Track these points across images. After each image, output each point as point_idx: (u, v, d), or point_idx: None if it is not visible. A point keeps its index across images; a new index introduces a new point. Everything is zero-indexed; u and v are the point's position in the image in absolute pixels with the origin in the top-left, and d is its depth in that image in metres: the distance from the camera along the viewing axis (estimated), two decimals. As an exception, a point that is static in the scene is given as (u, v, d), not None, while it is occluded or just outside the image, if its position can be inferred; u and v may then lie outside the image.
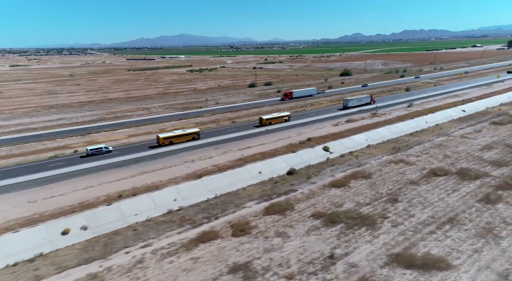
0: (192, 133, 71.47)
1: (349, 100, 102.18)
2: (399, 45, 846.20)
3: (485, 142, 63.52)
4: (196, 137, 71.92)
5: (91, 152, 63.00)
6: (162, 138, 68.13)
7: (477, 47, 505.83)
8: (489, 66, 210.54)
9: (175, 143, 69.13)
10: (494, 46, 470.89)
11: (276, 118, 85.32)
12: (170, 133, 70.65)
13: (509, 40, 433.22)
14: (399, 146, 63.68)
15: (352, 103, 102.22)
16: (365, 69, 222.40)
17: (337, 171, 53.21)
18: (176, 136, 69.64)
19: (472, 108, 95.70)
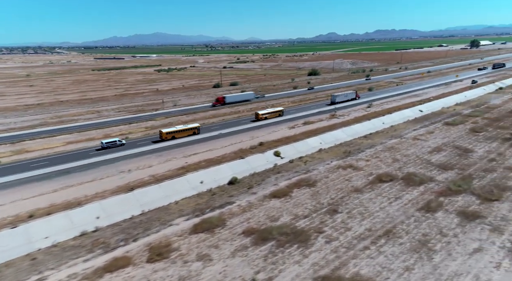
0: (193, 128, 75.12)
1: (336, 96, 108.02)
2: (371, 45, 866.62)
3: (436, 144, 62.87)
4: (196, 132, 75.27)
5: (106, 145, 66.12)
6: (164, 133, 71.03)
7: (443, 46, 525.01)
8: (451, 66, 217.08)
9: (177, 137, 72.41)
10: (459, 46, 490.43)
11: (271, 113, 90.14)
12: (172, 128, 74.02)
13: (471, 40, 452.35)
14: (350, 150, 61.76)
15: (339, 98, 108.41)
16: (333, 69, 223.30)
17: (282, 179, 50.30)
18: (178, 131, 73.12)
19: (429, 108, 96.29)
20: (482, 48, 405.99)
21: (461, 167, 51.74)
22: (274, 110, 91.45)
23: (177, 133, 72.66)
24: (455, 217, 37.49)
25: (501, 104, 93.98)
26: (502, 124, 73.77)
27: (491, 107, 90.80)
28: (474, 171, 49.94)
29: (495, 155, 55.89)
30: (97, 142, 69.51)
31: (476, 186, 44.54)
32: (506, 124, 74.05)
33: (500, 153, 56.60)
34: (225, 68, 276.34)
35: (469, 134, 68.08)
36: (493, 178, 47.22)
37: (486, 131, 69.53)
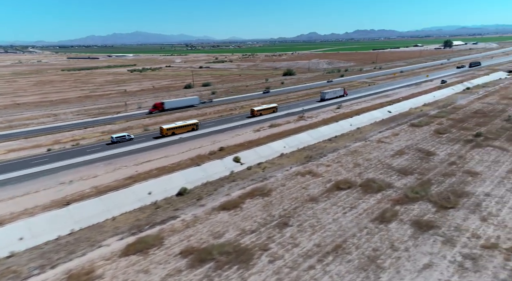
0: (191, 124, 78.11)
1: (326, 93, 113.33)
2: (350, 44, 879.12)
3: (399, 147, 61.46)
4: (195, 128, 78.27)
5: (116, 140, 69.38)
6: (165, 129, 73.85)
7: (418, 46, 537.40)
8: (423, 65, 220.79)
9: (177, 133, 75.17)
10: (433, 46, 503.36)
11: (266, 109, 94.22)
12: (172, 124, 76.60)
13: (445, 41, 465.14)
14: (312, 155, 59.39)
15: (328, 95, 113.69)
16: (309, 69, 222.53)
17: (236, 188, 47.17)
18: (178, 127, 75.95)
19: (397, 108, 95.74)
20: (455, 48, 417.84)
21: (421, 171, 50.25)
22: (268, 106, 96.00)
23: (176, 129, 75.60)
24: (409, 228, 35.48)
25: (467, 104, 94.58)
26: (466, 125, 73.55)
27: (457, 108, 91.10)
28: (434, 175, 48.51)
29: (456, 158, 54.88)
30: (44, 149, 64.28)
31: (434, 193, 42.93)
32: (469, 125, 73.89)
33: (461, 156, 55.64)
34: (201, 68, 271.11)
35: (433, 136, 67.23)
36: (451, 183, 45.85)
37: (450, 133, 68.95)
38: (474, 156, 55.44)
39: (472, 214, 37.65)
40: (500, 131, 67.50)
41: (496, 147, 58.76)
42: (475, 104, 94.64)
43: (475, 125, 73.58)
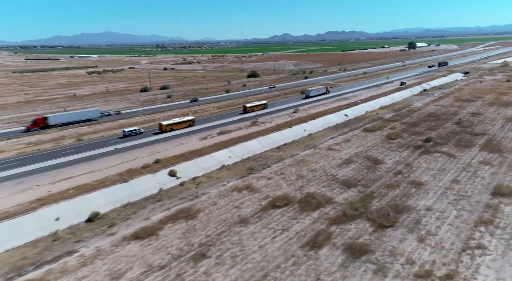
0: (188, 120, 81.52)
1: (310, 91, 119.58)
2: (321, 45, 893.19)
3: (348, 155, 58.24)
4: (191, 124, 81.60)
5: (128, 133, 74.08)
6: (164, 125, 77.40)
7: (385, 48, 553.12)
8: (387, 67, 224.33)
9: (175, 129, 78.67)
10: (399, 47, 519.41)
11: (257, 106, 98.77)
12: (171, 120, 80.00)
13: (409, 42, 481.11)
14: (255, 166, 54.77)
15: (312, 93, 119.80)
16: (274, 70, 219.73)
17: (160, 209, 41.55)
18: (176, 123, 79.32)
19: (354, 112, 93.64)
20: (418, 50, 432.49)
21: (365, 183, 46.93)
22: (259, 103, 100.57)
23: (175, 125, 79.05)
24: (341, 255, 31.47)
25: (422, 107, 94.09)
26: (418, 129, 71.94)
27: (411, 111, 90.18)
28: (378, 187, 45.27)
29: (403, 166, 52.23)
30: None
31: (374, 209, 39.45)
32: (421, 129, 72.36)
33: (408, 164, 53.09)
34: (165, 69, 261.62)
35: (384, 142, 64.77)
36: (394, 196, 42.71)
37: (401, 138, 66.86)
38: (421, 164, 53.05)
39: (410, 234, 34.29)
40: (450, 136, 66.18)
41: (444, 153, 56.89)
42: (430, 107, 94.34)
43: (426, 129, 72.14)
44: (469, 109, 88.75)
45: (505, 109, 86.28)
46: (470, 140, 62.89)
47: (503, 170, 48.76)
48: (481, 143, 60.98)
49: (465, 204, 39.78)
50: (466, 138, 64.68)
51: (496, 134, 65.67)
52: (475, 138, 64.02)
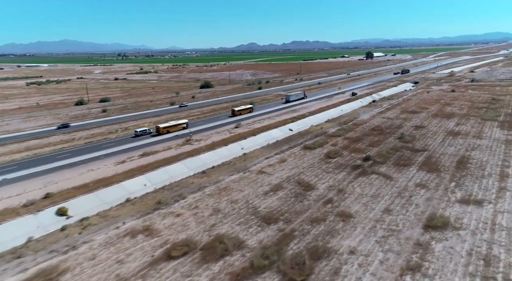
0: (182, 123, 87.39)
1: (290, 95, 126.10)
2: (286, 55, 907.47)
3: (279, 179, 51.68)
4: (185, 127, 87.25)
5: (140, 133, 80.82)
6: (161, 128, 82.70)
7: (345, 57, 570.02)
8: (342, 77, 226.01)
9: (171, 132, 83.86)
10: (358, 57, 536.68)
11: (244, 110, 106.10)
12: (167, 123, 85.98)
13: (367, 52, 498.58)
14: (167, 198, 46.38)
15: (292, 97, 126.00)
16: (229, 80, 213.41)
17: (14, 271, 31.77)
18: (172, 126, 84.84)
19: (300, 126, 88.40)
20: (375, 59, 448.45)
21: (289, 216, 40.22)
22: (245, 107, 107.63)
23: (171, 128, 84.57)
24: None
25: (368, 120, 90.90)
26: (359, 146, 67.39)
27: (357, 124, 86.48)
28: (301, 223, 38.66)
29: (335, 192, 46.38)
30: None
31: (289, 255, 32.56)
32: (363, 145, 67.94)
33: (341, 189, 47.37)
34: (116, 79, 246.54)
35: (321, 162, 59.15)
36: (317, 234, 36.23)
37: (341, 156, 61.71)
38: (355, 189, 47.55)
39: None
40: (390, 153, 62.02)
41: (381, 175, 52.02)
42: (376, 119, 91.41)
43: (368, 145, 67.81)
44: (413, 121, 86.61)
45: (447, 121, 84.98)
46: (410, 158, 58.94)
47: (438, 195, 44.27)
48: (420, 161, 57.10)
49: (393, 243, 34.06)
50: (406, 155, 60.76)
51: (436, 150, 62.45)
52: (415, 155, 60.25)
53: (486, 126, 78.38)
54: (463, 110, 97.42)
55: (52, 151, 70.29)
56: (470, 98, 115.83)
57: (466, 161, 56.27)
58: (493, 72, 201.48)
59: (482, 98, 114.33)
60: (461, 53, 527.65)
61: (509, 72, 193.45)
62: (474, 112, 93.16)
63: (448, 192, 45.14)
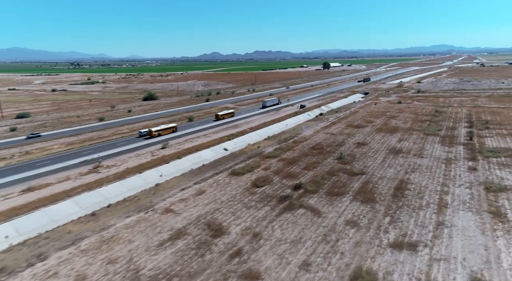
0: (172, 127, 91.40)
1: (266, 101, 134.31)
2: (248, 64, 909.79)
3: (185, 221, 41.68)
4: (175, 130, 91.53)
5: (144, 133, 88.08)
6: (154, 131, 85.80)
7: (304, 67, 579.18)
8: (296, 87, 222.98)
9: (162, 134, 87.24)
10: (316, 67, 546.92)
11: (227, 114, 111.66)
12: (158, 127, 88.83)
13: (323, 62, 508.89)
14: (9, 265, 34.44)
15: (268, 103, 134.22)
16: (177, 92, 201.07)
17: None
18: (163, 129, 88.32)
19: (237, 145, 79.48)
20: (332, 69, 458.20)
21: (177, 283, 30.33)
22: (227, 112, 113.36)
23: (162, 131, 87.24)
24: None
25: (310, 136, 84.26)
26: (294, 169, 59.55)
27: (297, 141, 79.33)
28: (189, 294, 28.94)
29: (249, 238, 37.25)
30: None
31: None
32: (298, 168, 60.22)
33: (258, 233, 38.39)
34: (54, 91, 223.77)
35: (245, 193, 50.17)
36: (204, 314, 26.68)
37: (269, 184, 53.23)
38: (274, 231, 38.85)
39: None
40: (325, 178, 54.66)
41: (309, 209, 44.01)
42: (319, 135, 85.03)
43: (304, 168, 60.17)
44: (356, 137, 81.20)
45: (391, 136, 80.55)
46: (345, 184, 51.83)
47: (369, 237, 36.77)
48: (356, 188, 50.10)
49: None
50: (342, 180, 53.66)
51: (375, 173, 56.12)
52: (352, 180, 53.33)
53: (428, 141, 74.59)
54: (407, 123, 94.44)
55: None
56: (415, 110, 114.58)
57: (405, 186, 50.17)
58: (438, 83, 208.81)
59: (426, 110, 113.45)
60: (411, 64, 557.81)
61: (451, 83, 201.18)
62: (418, 126, 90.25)
63: (381, 232, 37.86)
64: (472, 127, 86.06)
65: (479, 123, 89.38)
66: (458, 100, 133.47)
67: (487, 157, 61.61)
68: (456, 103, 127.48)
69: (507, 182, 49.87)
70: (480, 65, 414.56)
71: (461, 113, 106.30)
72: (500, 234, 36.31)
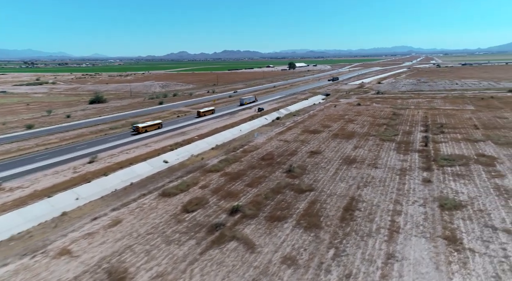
0: (158, 123, 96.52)
1: (244, 99, 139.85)
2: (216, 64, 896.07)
3: (78, 270, 32.44)
4: (160, 127, 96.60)
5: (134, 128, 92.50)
6: (141, 127, 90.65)
7: (270, 67, 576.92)
8: (258, 88, 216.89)
9: (148, 131, 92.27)
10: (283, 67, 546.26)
11: (207, 111, 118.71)
12: (145, 123, 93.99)
13: (289, 62, 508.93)
14: None
15: (246, 100, 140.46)
16: (130, 94, 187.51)
17: None
18: (149, 126, 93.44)
19: (180, 155, 70.81)
20: (297, 69, 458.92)
21: None
22: (208, 109, 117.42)
23: (148, 127, 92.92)
24: None
25: (262, 144, 77.49)
26: (235, 187, 52.16)
27: (247, 151, 72.17)
28: None
29: (156, 292, 29.26)
30: None
31: None
32: (241, 185, 52.87)
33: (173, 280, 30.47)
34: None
35: (171, 221, 41.85)
36: None
37: (203, 207, 45.38)
38: (192, 277, 31.08)
39: None
40: (269, 197, 47.77)
41: (243, 241, 36.72)
42: (272, 143, 78.49)
43: (248, 184, 52.95)
44: (311, 144, 75.52)
45: (346, 143, 75.70)
46: (290, 205, 45.19)
47: (306, 282, 30.15)
48: (301, 210, 43.58)
49: None
50: (287, 199, 47.03)
51: (325, 189, 50.10)
52: (298, 199, 46.84)
53: (384, 148, 70.38)
54: (364, 127, 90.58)
55: None
56: (373, 113, 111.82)
57: (355, 206, 44.43)
58: (397, 84, 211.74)
59: (384, 113, 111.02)
60: (373, 64, 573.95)
61: (409, 84, 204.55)
62: (375, 130, 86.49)
63: (322, 271, 31.32)
64: (428, 131, 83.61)
65: (434, 127, 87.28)
66: (415, 102, 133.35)
67: (442, 166, 57.93)
68: (413, 104, 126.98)
69: (462, 197, 45.71)
70: (436, 66, 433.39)
71: (417, 115, 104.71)
72: (456, 268, 31.08)
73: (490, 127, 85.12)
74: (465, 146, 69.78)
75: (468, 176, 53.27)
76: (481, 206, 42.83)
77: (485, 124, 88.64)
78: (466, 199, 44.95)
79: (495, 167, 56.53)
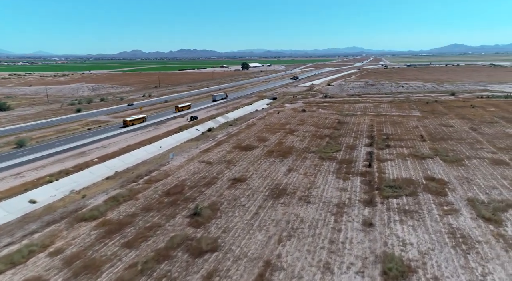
0: (142, 117, 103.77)
1: (216, 96, 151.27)
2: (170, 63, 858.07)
3: None
4: (144, 120, 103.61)
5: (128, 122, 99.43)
6: (128, 121, 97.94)
7: (224, 67, 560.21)
8: (205, 91, 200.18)
9: (134, 124, 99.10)
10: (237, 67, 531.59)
11: (184, 107, 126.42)
12: (131, 117, 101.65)
13: (242, 62, 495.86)
14: None
15: (218, 97, 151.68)
16: (47, 99, 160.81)
17: None
18: (135, 119, 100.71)
19: (60, 190, 52.82)
20: (251, 70, 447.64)
21: None
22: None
23: (134, 121, 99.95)
24: None
25: (177, 168, 61.78)
26: (103, 252, 35.89)
27: (153, 180, 56.01)
28: None
29: None
30: None
31: None
32: (114, 246, 36.71)
33: None
34: None
35: None
36: None
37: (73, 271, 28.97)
38: None
39: None
40: (149, 268, 32.49)
41: None
42: (190, 166, 63.17)
43: (125, 244, 37.04)
44: (237, 167, 61.42)
45: (280, 164, 62.73)
46: (172, 285, 30.37)
47: None
48: (186, 295, 28.99)
49: None
50: (173, 273, 31.98)
51: (233, 248, 35.97)
52: (190, 271, 31.89)
53: (322, 171, 58.38)
54: (305, 141, 78.76)
55: None
56: (317, 121, 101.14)
57: (268, 278, 30.86)
58: (345, 86, 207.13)
59: (328, 121, 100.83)
60: (326, 64, 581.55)
61: (357, 87, 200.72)
62: (315, 145, 74.91)
63: None
64: (373, 144, 73.78)
65: (380, 139, 77.89)
66: (362, 107, 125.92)
67: (387, 197, 46.87)
68: (360, 110, 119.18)
69: (410, 253, 34.13)
70: (384, 67, 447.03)
71: (363, 124, 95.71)
72: None
73: (437, 138, 77.65)
74: (412, 165, 60.14)
75: (417, 213, 42.44)
76: (436, 270, 31.41)
77: (432, 134, 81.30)
78: (416, 257, 33.35)
79: (447, 197, 46.65)
